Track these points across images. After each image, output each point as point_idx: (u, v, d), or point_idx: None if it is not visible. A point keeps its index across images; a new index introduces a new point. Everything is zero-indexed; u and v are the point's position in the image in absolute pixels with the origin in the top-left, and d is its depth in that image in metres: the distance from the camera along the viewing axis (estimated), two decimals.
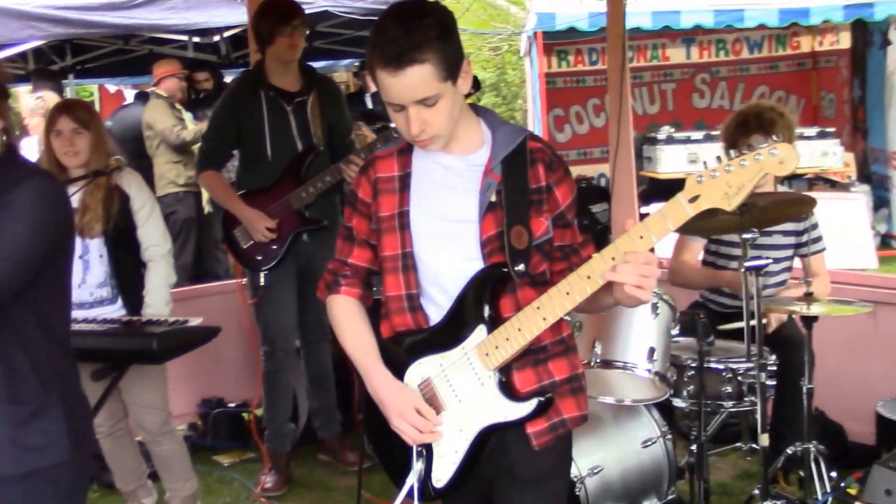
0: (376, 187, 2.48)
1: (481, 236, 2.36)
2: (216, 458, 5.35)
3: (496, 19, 15.56)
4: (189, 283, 7.60)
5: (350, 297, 2.57)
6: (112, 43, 9.38)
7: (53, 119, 4.01)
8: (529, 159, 2.38)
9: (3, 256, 2.35)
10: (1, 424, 2.42)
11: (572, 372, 2.49)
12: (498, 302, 2.37)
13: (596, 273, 2.16)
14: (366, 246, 2.53)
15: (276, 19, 4.60)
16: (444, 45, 2.21)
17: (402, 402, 2.39)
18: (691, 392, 3.89)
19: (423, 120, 2.27)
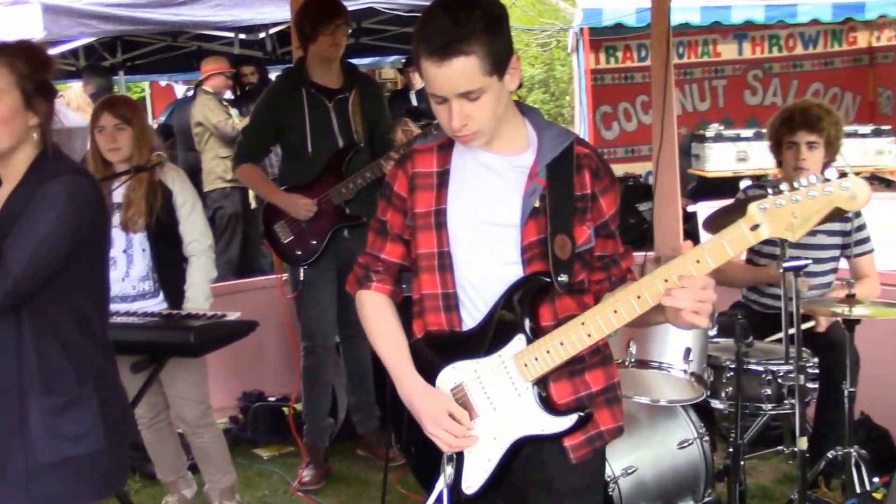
0: (413, 182, 2.41)
1: (522, 242, 2.30)
2: (256, 451, 5.39)
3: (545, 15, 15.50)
4: (235, 277, 7.68)
5: (381, 293, 2.51)
6: (161, 39, 9.50)
7: (97, 115, 4.08)
8: (576, 165, 2.32)
9: (25, 250, 2.42)
10: (36, 414, 2.49)
11: (608, 382, 2.44)
12: (538, 311, 2.32)
13: (647, 294, 2.11)
14: (399, 241, 2.47)
15: (318, 17, 4.62)
16: (491, 38, 2.15)
17: (436, 408, 2.34)
18: (729, 394, 3.83)
19: (465, 114, 2.21)
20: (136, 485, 4.93)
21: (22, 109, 2.53)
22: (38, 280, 2.45)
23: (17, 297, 2.42)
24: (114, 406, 2.65)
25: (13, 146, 2.54)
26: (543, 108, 17.18)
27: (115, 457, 2.65)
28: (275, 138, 4.87)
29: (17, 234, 2.44)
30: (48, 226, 2.45)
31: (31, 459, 2.50)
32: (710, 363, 3.84)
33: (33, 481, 2.51)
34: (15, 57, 2.53)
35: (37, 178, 2.53)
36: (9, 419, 2.51)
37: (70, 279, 2.53)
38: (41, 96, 2.58)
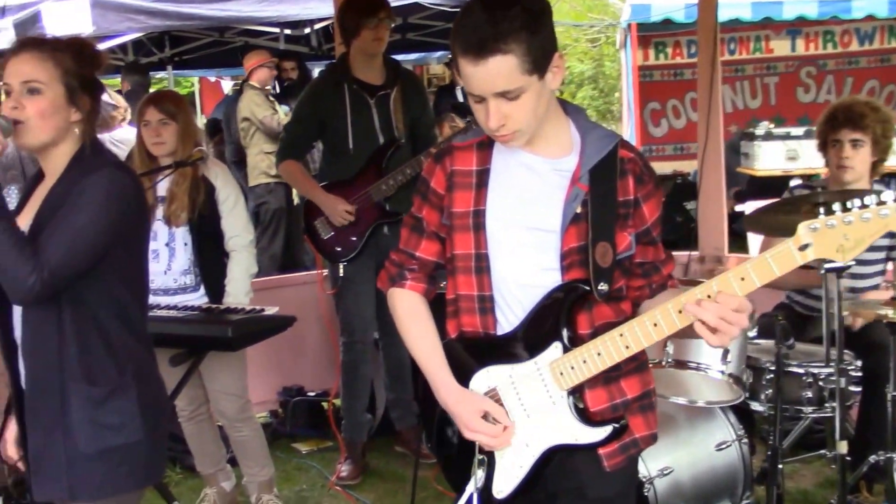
0: (452, 180, 2.34)
1: (562, 248, 2.24)
2: (295, 445, 5.42)
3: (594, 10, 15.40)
4: (278, 272, 7.74)
5: (415, 292, 2.46)
6: (208, 35, 9.59)
7: (142, 110, 4.13)
8: (620, 169, 2.26)
9: (62, 242, 2.45)
10: (77, 404, 2.53)
11: (644, 389, 2.40)
12: (575, 319, 2.27)
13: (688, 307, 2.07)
14: (435, 238, 2.42)
15: (361, 12, 4.63)
16: (531, 35, 2.07)
17: (469, 411, 2.30)
18: (769, 396, 3.78)
19: (503, 114, 2.14)
20: (177, 476, 4.99)
21: (65, 104, 2.55)
22: (74, 271, 2.48)
23: (53, 287, 2.45)
24: (152, 397, 2.69)
25: (54, 140, 2.57)
26: (592, 104, 17.08)
27: (155, 447, 2.68)
28: (317, 134, 4.88)
29: (55, 227, 2.48)
30: (86, 219, 2.48)
31: (73, 448, 2.54)
32: (750, 364, 3.79)
33: (74, 470, 2.55)
34: (62, 52, 2.55)
35: (77, 173, 2.56)
36: (51, 409, 2.55)
37: (110, 272, 2.57)
38: (86, 92, 2.61)
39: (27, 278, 2.39)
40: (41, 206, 2.57)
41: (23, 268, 2.39)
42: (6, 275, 2.44)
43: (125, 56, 9.70)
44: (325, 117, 4.75)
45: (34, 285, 2.40)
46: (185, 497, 4.71)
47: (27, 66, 2.51)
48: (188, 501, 4.61)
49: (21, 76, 2.51)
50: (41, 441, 2.58)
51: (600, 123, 2.60)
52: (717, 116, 5.59)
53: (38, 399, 2.58)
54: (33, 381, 2.58)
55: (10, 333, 2.65)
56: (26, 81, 2.50)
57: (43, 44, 2.56)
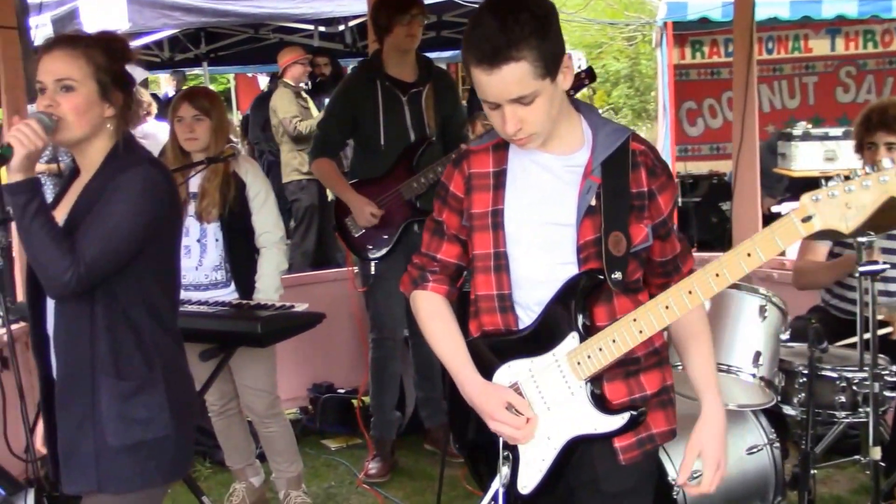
0: (470, 183, 2.39)
1: (579, 241, 2.27)
2: (324, 442, 5.44)
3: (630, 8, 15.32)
4: (311, 269, 7.76)
5: (437, 293, 2.49)
6: (243, 31, 9.65)
7: (176, 106, 4.15)
8: (631, 162, 2.29)
9: (97, 238, 2.48)
10: (108, 398, 2.56)
11: (663, 384, 2.42)
12: (592, 310, 2.30)
13: (699, 289, 2.10)
14: (455, 241, 2.46)
15: (394, 8, 4.63)
16: (541, 41, 2.10)
17: (493, 403, 2.32)
18: (802, 400, 3.72)
19: (519, 118, 2.17)
20: (206, 471, 5.02)
21: (98, 100, 2.57)
22: (109, 267, 2.51)
23: (89, 282, 2.48)
24: (181, 392, 2.71)
25: (88, 136, 2.60)
26: (628, 103, 17.00)
27: (182, 442, 2.70)
28: (350, 131, 4.89)
29: (90, 223, 2.51)
30: (121, 215, 2.50)
31: (101, 442, 2.56)
32: (782, 368, 3.73)
33: (103, 463, 2.57)
34: (93, 48, 2.57)
35: (112, 169, 2.59)
36: (81, 402, 2.57)
37: (142, 267, 2.59)
38: (118, 87, 2.62)
39: (64, 273, 2.43)
40: (76, 201, 2.61)
41: (60, 263, 2.43)
42: (44, 270, 2.48)
43: (161, 52, 9.77)
44: (357, 114, 4.76)
45: (70, 280, 2.43)
46: (215, 491, 4.74)
47: (60, 63, 2.54)
48: (217, 496, 4.64)
49: (54, 74, 2.53)
50: (71, 434, 2.61)
51: (636, 122, 2.60)
52: (753, 116, 5.53)
53: (68, 392, 2.60)
54: (64, 374, 2.60)
55: (42, 326, 2.68)
56: (60, 79, 2.53)
57: (74, 41, 2.58)
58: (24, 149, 2.43)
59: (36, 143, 2.44)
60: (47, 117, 2.49)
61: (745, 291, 3.66)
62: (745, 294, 3.65)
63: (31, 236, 2.44)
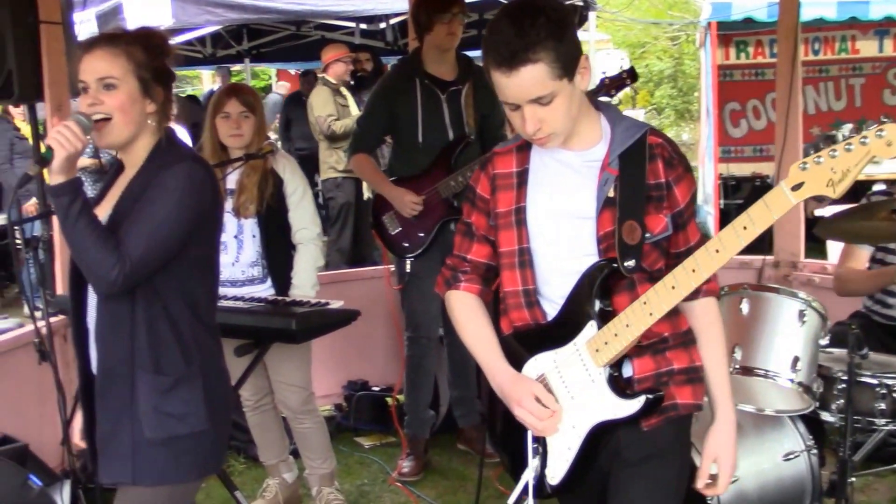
0: (494, 183, 2.48)
1: (598, 232, 2.34)
2: (358, 439, 5.43)
3: (674, 7, 15.21)
4: (347, 266, 7.78)
5: (469, 293, 2.57)
6: (285, 28, 9.70)
7: (222, 101, 4.12)
8: (648, 154, 2.35)
9: (142, 235, 2.51)
10: (146, 392, 2.58)
11: (691, 363, 2.46)
12: (610, 298, 2.35)
13: (701, 265, 2.15)
14: (485, 242, 2.53)
15: (434, 6, 4.62)
16: (558, 43, 2.18)
17: (521, 391, 2.38)
18: (840, 406, 3.66)
19: (539, 119, 2.24)
20: (241, 466, 5.05)
21: (140, 97, 2.60)
22: (154, 264, 2.54)
23: (134, 280, 2.51)
24: (218, 388, 2.73)
25: (134, 134, 2.62)
26: (671, 103, 16.86)
27: (217, 438, 2.73)
28: (388, 128, 4.89)
29: (135, 220, 2.53)
30: (165, 212, 2.53)
31: (138, 435, 2.59)
32: (821, 374, 3.68)
33: (139, 456, 2.60)
34: (133, 45, 2.60)
35: (155, 165, 2.62)
36: (120, 395, 2.60)
37: (182, 262, 2.61)
38: (159, 83, 2.65)
39: (110, 272, 2.46)
40: (120, 197, 2.63)
41: (106, 261, 2.46)
42: (90, 269, 2.51)
43: (203, 48, 9.85)
44: (395, 111, 4.76)
45: (117, 278, 2.47)
46: (248, 487, 4.76)
47: (101, 62, 2.56)
48: (251, 491, 4.66)
49: (96, 73, 2.56)
50: (109, 426, 2.64)
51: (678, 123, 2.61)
52: (796, 118, 5.46)
53: (107, 385, 2.63)
54: (104, 367, 2.64)
55: (83, 319, 2.71)
56: (102, 78, 2.56)
57: (115, 39, 2.61)
58: (64, 151, 2.45)
59: (76, 145, 2.46)
60: (85, 118, 2.52)
61: (784, 295, 3.62)
62: (785, 298, 3.61)
63: (76, 236, 2.48)
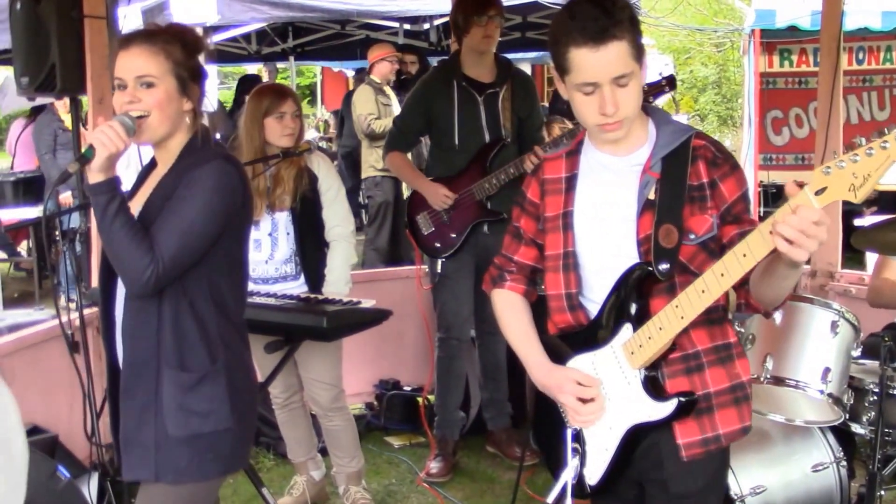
0: (544, 188, 2.53)
1: (638, 235, 2.36)
2: (387, 438, 5.44)
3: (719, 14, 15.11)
4: (383, 265, 7.80)
5: (514, 292, 2.65)
6: (330, 27, 9.75)
7: (278, 101, 4.15)
8: (691, 157, 2.36)
9: (174, 235, 2.52)
10: (170, 389, 2.59)
11: (733, 381, 2.44)
12: (647, 300, 2.36)
13: (730, 269, 2.13)
14: (532, 245, 2.60)
15: (472, 9, 4.64)
16: (633, 28, 2.27)
17: (561, 378, 2.45)
18: (871, 419, 3.63)
19: (616, 100, 2.27)
20: (269, 462, 5.08)
21: (177, 96, 2.61)
22: (186, 263, 2.56)
23: (166, 281, 2.53)
24: (243, 386, 2.73)
25: (169, 133, 2.64)
26: (714, 109, 16.72)
27: (241, 435, 2.73)
28: (424, 128, 4.92)
29: (166, 219, 2.54)
30: (197, 212, 2.54)
31: (162, 431, 2.60)
32: (853, 385, 3.65)
33: (162, 452, 2.61)
34: (170, 44, 2.60)
35: (187, 163, 2.63)
36: (145, 391, 2.61)
37: (211, 260, 2.62)
38: (194, 81, 2.66)
39: (144, 272, 2.48)
40: (151, 194, 2.65)
41: (140, 261, 2.47)
42: (124, 269, 2.53)
43: (248, 45, 9.92)
44: (432, 112, 4.78)
45: (150, 279, 2.48)
46: (276, 483, 4.79)
47: (140, 60, 2.57)
48: (278, 488, 4.69)
49: (135, 71, 2.57)
50: (133, 422, 2.65)
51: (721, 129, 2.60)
52: (837, 127, 5.41)
53: (133, 380, 2.64)
54: (130, 362, 2.65)
55: (111, 312, 2.73)
56: (140, 76, 2.56)
57: (152, 37, 2.61)
58: (105, 150, 2.47)
59: (118, 145, 2.48)
60: (129, 119, 2.53)
61: (817, 306, 3.60)
62: (817, 308, 3.59)
63: (111, 236, 2.50)
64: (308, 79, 21.58)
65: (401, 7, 8.07)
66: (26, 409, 4.39)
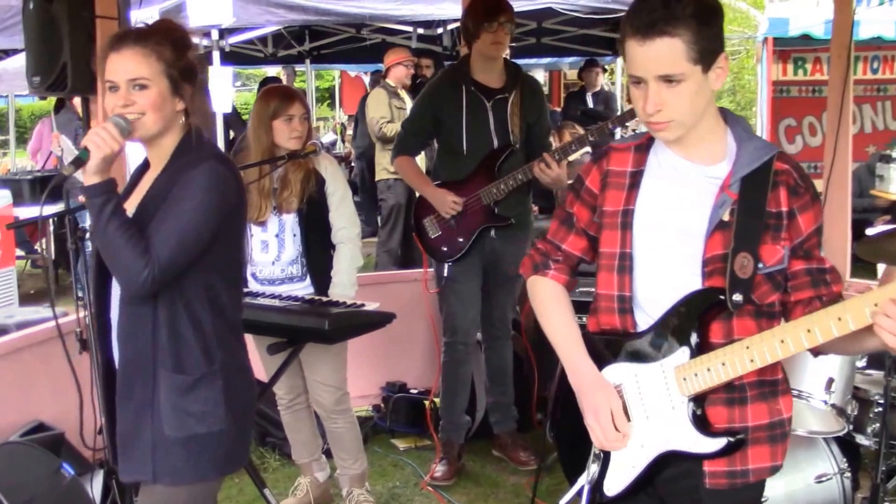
0: (606, 180, 2.40)
1: (704, 254, 2.24)
2: (393, 441, 5.45)
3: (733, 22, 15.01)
4: (395, 268, 7.82)
5: (557, 282, 2.53)
6: (346, 31, 9.80)
7: (286, 104, 4.17)
8: (772, 181, 2.23)
9: (169, 238, 2.53)
10: (165, 390, 2.61)
11: (773, 418, 2.34)
12: (708, 327, 2.26)
13: (817, 328, 2.03)
14: (583, 235, 2.48)
15: (482, 14, 4.64)
16: (701, 26, 2.11)
17: (600, 402, 2.33)
18: (876, 430, 3.63)
19: (661, 100, 2.16)
20: (275, 463, 5.09)
21: (169, 96, 2.62)
22: (182, 265, 2.57)
23: (161, 283, 2.54)
24: (239, 388, 2.74)
25: (161, 131, 2.65)
26: None
27: (238, 437, 2.73)
28: (432, 132, 4.93)
29: (162, 221, 2.56)
30: (192, 214, 2.55)
31: (158, 432, 2.62)
32: (857, 396, 3.65)
33: (158, 453, 2.63)
34: (161, 44, 2.60)
35: (180, 164, 2.64)
36: (141, 393, 2.63)
37: (206, 262, 2.63)
38: (185, 80, 2.66)
39: (139, 274, 2.49)
40: (145, 195, 2.66)
41: (136, 263, 2.48)
42: (120, 270, 2.55)
43: (265, 48, 9.97)
44: (440, 116, 4.79)
45: (146, 281, 2.50)
46: (282, 484, 4.81)
47: (131, 63, 2.57)
48: (283, 488, 4.71)
49: (127, 74, 2.57)
50: (130, 423, 2.67)
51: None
52: (846, 136, 5.39)
53: (129, 382, 2.66)
54: (126, 364, 2.67)
55: (106, 313, 2.75)
56: (133, 79, 2.56)
57: (144, 38, 2.60)
58: (100, 152, 2.49)
59: (112, 147, 2.50)
60: (124, 121, 2.55)
61: None
62: None
63: (107, 237, 2.51)
64: (327, 82, 21.62)
65: (414, 12, 8.10)
66: (34, 406, 4.45)
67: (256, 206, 4.14)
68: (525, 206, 4.92)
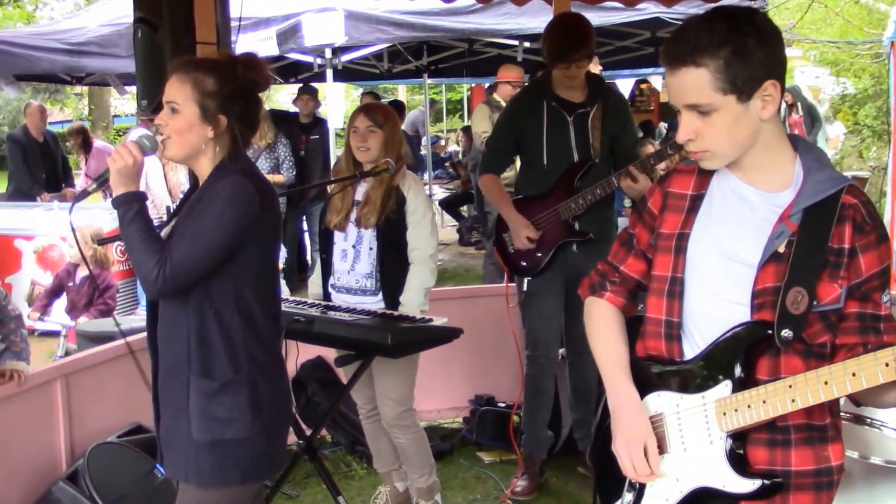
0: (666, 201, 2.35)
1: (755, 286, 2.15)
2: (479, 454, 5.47)
3: (871, 25, 14.47)
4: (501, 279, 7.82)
5: (613, 304, 2.48)
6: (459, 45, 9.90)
7: (353, 117, 4.36)
8: (838, 215, 2.12)
9: (185, 241, 2.69)
10: (193, 395, 2.76)
11: (819, 465, 2.22)
12: (754, 362, 2.18)
13: (863, 374, 1.96)
14: (642, 258, 2.43)
15: (554, 55, 4.58)
16: (735, 55, 2.03)
17: (636, 433, 2.27)
18: None
19: (693, 129, 2.12)
20: (362, 471, 5.19)
21: (199, 123, 2.77)
22: (195, 269, 2.70)
23: (174, 282, 2.68)
24: (269, 397, 2.84)
25: (190, 155, 2.81)
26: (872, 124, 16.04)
27: (267, 445, 2.84)
28: (514, 148, 4.93)
29: (183, 227, 2.73)
30: (207, 222, 2.70)
31: (189, 435, 2.77)
32: None
33: (191, 455, 2.78)
34: (204, 74, 2.77)
35: (212, 180, 2.79)
36: (179, 395, 2.79)
37: (235, 273, 2.77)
38: (223, 111, 2.78)
39: (151, 272, 2.66)
40: (181, 209, 2.85)
41: (148, 261, 2.66)
42: (137, 269, 2.71)
43: (380, 64, 10.16)
44: (522, 132, 4.79)
45: (157, 278, 2.65)
46: (366, 492, 4.91)
47: (172, 87, 2.77)
48: (367, 497, 4.81)
49: (167, 96, 2.78)
50: (171, 423, 2.83)
51: (876, 143, 2.46)
52: None
53: (168, 385, 2.83)
54: (165, 367, 2.84)
55: (157, 321, 2.91)
56: (168, 101, 2.77)
57: (189, 66, 2.79)
58: (115, 165, 2.69)
59: (126, 161, 2.69)
60: (147, 140, 2.75)
61: None
62: None
63: (127, 240, 2.70)
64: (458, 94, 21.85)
65: (520, 25, 8.11)
66: (135, 409, 4.67)
67: (338, 212, 4.29)
68: (608, 221, 4.87)
